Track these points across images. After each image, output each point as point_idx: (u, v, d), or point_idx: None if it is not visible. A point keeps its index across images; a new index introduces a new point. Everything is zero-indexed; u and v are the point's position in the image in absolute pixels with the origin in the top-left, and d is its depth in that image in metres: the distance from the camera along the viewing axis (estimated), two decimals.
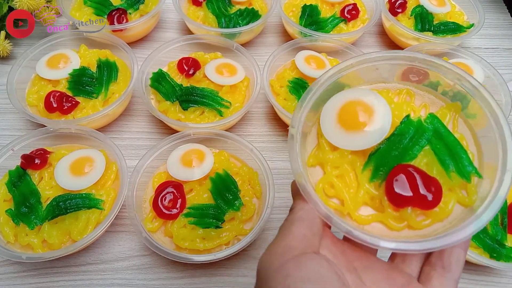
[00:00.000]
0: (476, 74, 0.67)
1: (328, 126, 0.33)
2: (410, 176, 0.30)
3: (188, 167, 0.55)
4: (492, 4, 0.90)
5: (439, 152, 0.32)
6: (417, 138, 0.33)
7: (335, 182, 0.33)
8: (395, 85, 0.37)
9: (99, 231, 0.50)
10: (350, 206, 0.32)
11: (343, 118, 0.33)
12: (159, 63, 0.69)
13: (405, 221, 0.31)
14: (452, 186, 0.32)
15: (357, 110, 0.33)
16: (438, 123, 0.33)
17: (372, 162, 0.32)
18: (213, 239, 0.51)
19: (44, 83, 0.65)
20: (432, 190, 0.30)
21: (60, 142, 0.60)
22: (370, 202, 0.32)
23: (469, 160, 0.32)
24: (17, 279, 0.52)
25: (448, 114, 0.35)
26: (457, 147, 0.32)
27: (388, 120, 0.33)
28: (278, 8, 0.77)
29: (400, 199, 0.30)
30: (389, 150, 0.32)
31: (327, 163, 0.33)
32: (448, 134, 0.33)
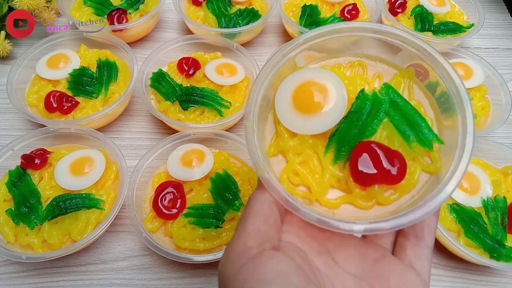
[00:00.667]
0: (476, 74, 0.67)
1: (284, 111, 0.32)
2: (373, 153, 0.29)
3: (188, 167, 0.55)
4: (492, 4, 0.90)
5: (398, 123, 0.32)
6: (374, 112, 0.32)
7: (299, 170, 0.32)
8: (347, 58, 0.36)
9: (99, 231, 0.50)
10: (317, 191, 0.31)
11: (297, 102, 0.32)
12: (159, 63, 0.69)
13: (374, 198, 0.31)
14: (415, 156, 0.31)
15: (311, 92, 0.32)
16: (393, 93, 0.33)
17: (333, 144, 0.32)
18: (213, 239, 0.51)
19: (44, 83, 0.65)
20: (396, 164, 0.29)
21: (60, 142, 0.60)
22: (336, 184, 0.32)
23: (428, 127, 0.31)
24: (17, 279, 0.52)
25: (402, 81, 0.34)
26: (415, 116, 0.32)
27: (343, 98, 0.32)
28: (278, 8, 0.77)
29: (365, 178, 0.29)
30: (348, 128, 0.32)
31: (288, 151, 0.32)
32: (405, 103, 0.32)
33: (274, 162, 0.33)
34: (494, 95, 0.67)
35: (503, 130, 0.69)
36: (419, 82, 0.34)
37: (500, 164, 0.60)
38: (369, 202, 0.31)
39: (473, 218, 0.53)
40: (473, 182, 0.55)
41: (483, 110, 0.66)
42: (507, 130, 0.70)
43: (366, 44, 0.35)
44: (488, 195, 0.54)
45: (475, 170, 0.57)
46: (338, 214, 0.31)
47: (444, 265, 0.55)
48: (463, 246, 0.50)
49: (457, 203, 0.54)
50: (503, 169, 0.59)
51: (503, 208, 0.54)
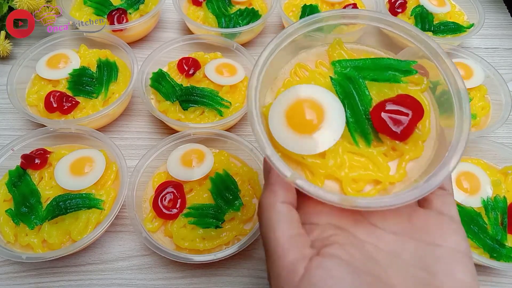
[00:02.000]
0: (476, 74, 0.67)
1: (279, 129, 0.31)
2: (389, 110, 0.31)
3: (188, 167, 0.55)
4: (492, 4, 0.90)
5: (376, 76, 0.34)
6: (356, 84, 0.33)
7: (355, 176, 0.31)
8: (315, 50, 0.38)
9: (99, 231, 0.50)
10: (384, 176, 0.31)
11: (294, 125, 0.31)
12: (159, 63, 0.69)
13: (419, 140, 0.32)
14: (406, 89, 0.33)
15: (304, 112, 0.31)
16: (346, 62, 0.35)
17: (355, 133, 0.32)
18: (213, 239, 0.51)
19: (44, 83, 0.65)
20: (408, 101, 0.31)
21: (60, 142, 0.60)
22: (388, 158, 0.32)
23: (395, 60, 0.34)
24: (17, 279, 0.52)
25: (340, 51, 0.36)
26: (379, 61, 0.34)
27: (335, 99, 0.32)
28: (278, 8, 0.77)
29: (403, 130, 0.31)
30: (353, 112, 0.32)
31: (334, 172, 0.31)
32: (362, 60, 0.35)
33: (328, 187, 0.32)
34: (494, 95, 0.67)
35: (503, 130, 0.69)
36: (350, 46, 0.37)
37: (500, 164, 0.60)
38: (418, 147, 0.32)
39: (473, 218, 0.53)
40: (473, 182, 0.55)
41: (483, 110, 0.66)
42: (507, 130, 0.70)
43: (367, 41, 0.38)
44: (488, 195, 0.54)
45: (475, 170, 0.57)
46: (412, 176, 0.32)
47: None
48: None
49: (457, 203, 0.54)
50: (503, 169, 0.59)
51: (503, 208, 0.54)
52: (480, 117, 0.65)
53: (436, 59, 0.33)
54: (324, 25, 0.36)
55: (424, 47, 0.34)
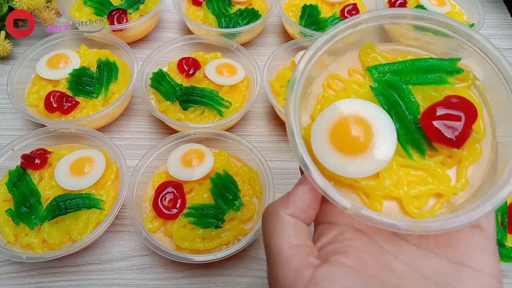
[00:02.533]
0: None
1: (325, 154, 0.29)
2: (440, 116, 0.28)
3: (188, 167, 0.55)
4: (492, 4, 0.90)
5: (420, 80, 0.30)
6: (400, 91, 0.30)
7: (416, 193, 0.29)
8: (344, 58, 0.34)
9: (99, 231, 0.50)
10: (447, 188, 0.29)
11: (341, 146, 0.28)
12: (159, 63, 0.69)
13: (475, 142, 0.30)
14: (453, 88, 0.30)
15: (351, 130, 0.28)
16: (383, 66, 0.32)
17: (407, 145, 0.29)
18: (213, 239, 0.51)
19: (44, 83, 0.65)
20: (458, 102, 0.29)
21: (60, 142, 0.60)
22: (445, 167, 0.30)
23: (437, 58, 0.31)
24: (17, 279, 0.52)
25: (374, 54, 0.33)
26: (420, 62, 0.31)
27: (382, 112, 0.29)
28: (278, 8, 0.77)
29: (458, 135, 0.28)
30: (402, 123, 0.29)
31: (391, 192, 0.29)
32: (401, 63, 0.31)
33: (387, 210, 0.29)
34: None
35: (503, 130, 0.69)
36: (384, 46, 0.34)
37: None
38: (476, 150, 0.30)
39: None
40: None
41: None
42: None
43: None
44: None
45: None
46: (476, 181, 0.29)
47: None
48: None
49: None
50: None
51: (503, 208, 0.54)
52: None
53: (485, 52, 0.31)
54: (360, 28, 0.33)
55: (468, 41, 0.31)
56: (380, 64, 0.32)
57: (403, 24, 0.34)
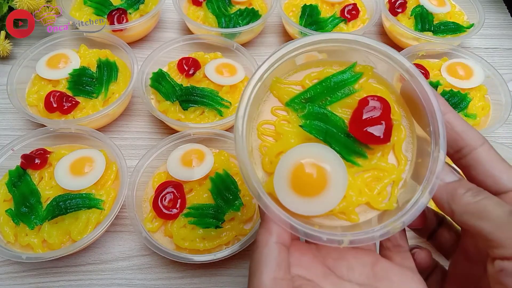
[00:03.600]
0: (476, 74, 0.67)
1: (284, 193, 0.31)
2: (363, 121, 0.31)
3: (188, 167, 0.55)
4: (492, 4, 0.90)
5: (333, 98, 0.34)
6: (323, 116, 0.33)
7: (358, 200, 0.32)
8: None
9: (99, 231, 0.50)
10: (376, 200, 0.32)
11: (299, 188, 0.31)
12: (159, 63, 0.69)
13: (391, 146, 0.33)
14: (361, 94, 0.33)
15: (309, 175, 0.31)
16: (297, 100, 0.34)
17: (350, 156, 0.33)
18: (213, 239, 0.51)
19: (44, 83, 0.65)
20: (374, 103, 0.32)
21: (60, 142, 0.60)
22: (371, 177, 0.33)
23: (339, 73, 0.34)
24: (17, 279, 0.52)
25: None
26: (327, 82, 0.34)
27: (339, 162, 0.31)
28: (278, 8, 0.77)
29: (380, 129, 0.31)
30: (338, 143, 0.33)
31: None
32: (312, 89, 0.34)
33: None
34: (494, 95, 0.67)
35: (503, 130, 0.69)
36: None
37: None
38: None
39: None
40: None
41: (483, 110, 0.66)
42: (507, 130, 0.70)
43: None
44: None
45: None
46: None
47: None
48: None
49: None
50: None
51: None
52: (480, 117, 0.65)
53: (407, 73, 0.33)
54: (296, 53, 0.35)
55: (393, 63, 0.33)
56: (295, 96, 0.34)
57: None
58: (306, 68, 0.36)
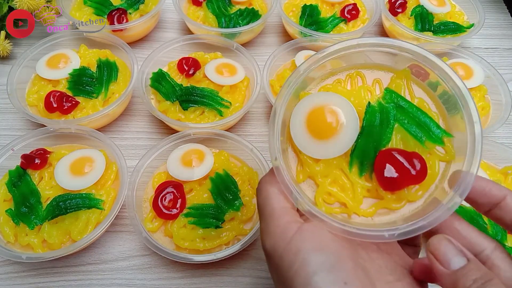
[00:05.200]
0: (476, 74, 0.67)
1: (302, 142, 0.34)
2: (394, 160, 0.32)
3: (188, 167, 0.55)
4: (492, 4, 0.90)
5: (408, 126, 0.34)
6: (385, 122, 0.34)
7: (331, 190, 0.34)
8: (344, 72, 0.37)
9: (99, 231, 0.50)
10: (353, 205, 0.33)
11: (312, 129, 0.33)
12: (159, 63, 0.69)
13: (404, 199, 0.33)
14: (431, 150, 0.33)
15: (324, 118, 0.33)
16: (396, 97, 0.34)
17: (355, 160, 0.34)
18: (213, 239, 0.51)
19: (44, 83, 0.65)
20: (417, 164, 0.32)
21: (60, 142, 0.60)
22: (368, 194, 0.34)
23: (436, 124, 0.33)
24: (17, 279, 0.52)
25: (401, 83, 0.35)
26: (422, 116, 0.34)
27: (355, 118, 0.33)
28: (278, 8, 0.77)
29: (393, 184, 0.32)
30: (366, 143, 0.34)
31: (316, 175, 0.34)
32: (409, 105, 0.34)
33: (304, 187, 0.35)
34: (494, 95, 0.67)
35: (503, 130, 0.69)
36: (417, 80, 0.35)
37: (500, 164, 0.60)
38: (401, 203, 0.33)
39: (473, 218, 0.53)
40: None
41: (483, 110, 0.66)
42: (507, 130, 0.70)
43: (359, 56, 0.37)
44: None
45: None
46: (377, 220, 0.33)
47: None
48: None
49: None
50: (503, 169, 0.58)
51: None
52: (480, 117, 0.65)
53: (432, 66, 0.34)
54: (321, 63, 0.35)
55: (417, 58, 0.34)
56: (396, 93, 0.35)
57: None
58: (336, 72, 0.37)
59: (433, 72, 0.34)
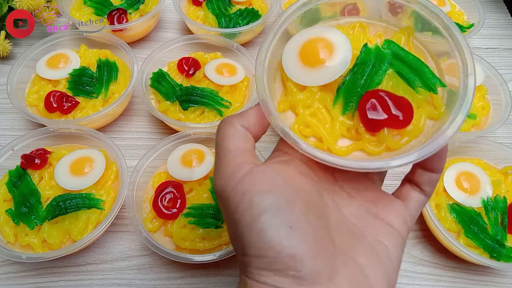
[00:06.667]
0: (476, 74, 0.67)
1: (291, 67, 0.33)
2: (381, 100, 0.31)
3: (188, 167, 0.55)
4: (492, 4, 0.90)
5: (403, 71, 0.33)
6: (379, 63, 0.33)
7: (310, 121, 0.33)
8: (347, 20, 0.38)
9: (99, 231, 0.50)
10: (329, 140, 0.32)
11: (304, 56, 0.33)
12: (159, 63, 0.69)
13: (383, 143, 0.32)
14: (420, 103, 0.32)
15: (317, 47, 0.33)
16: (395, 46, 0.34)
17: (341, 95, 0.33)
18: (213, 239, 0.51)
19: (44, 83, 0.65)
20: (403, 109, 0.31)
21: (60, 142, 0.60)
22: (346, 133, 0.33)
23: (431, 73, 0.32)
24: (17, 279, 0.52)
25: (403, 37, 0.35)
26: (418, 63, 0.33)
27: (348, 52, 0.33)
28: (278, 8, 0.77)
29: (375, 123, 0.31)
30: (355, 80, 0.33)
31: (298, 105, 0.34)
32: (407, 53, 0.33)
33: (284, 117, 0.34)
34: (494, 95, 0.67)
35: (503, 130, 0.69)
36: (418, 37, 0.35)
37: (500, 164, 0.60)
38: (379, 147, 0.32)
39: (473, 218, 0.53)
40: (473, 182, 0.55)
41: (483, 110, 0.66)
42: (507, 130, 0.70)
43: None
44: (488, 195, 0.54)
45: (475, 170, 0.57)
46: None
47: (444, 265, 0.55)
48: (463, 246, 0.50)
49: (457, 203, 0.54)
50: (503, 169, 0.59)
51: (503, 208, 0.54)
52: (480, 117, 0.65)
53: (448, 31, 0.34)
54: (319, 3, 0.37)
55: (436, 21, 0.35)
56: (395, 44, 0.34)
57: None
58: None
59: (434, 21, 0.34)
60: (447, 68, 0.33)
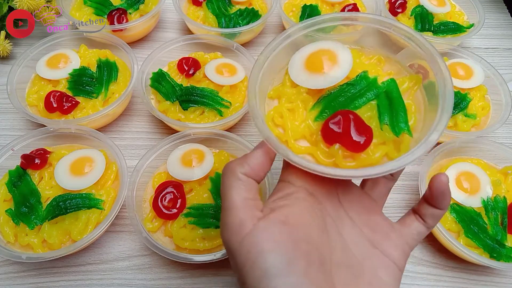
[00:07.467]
0: (476, 74, 0.67)
1: (295, 67, 0.37)
2: (346, 118, 0.32)
3: (188, 167, 0.55)
4: (492, 4, 0.90)
5: (381, 107, 0.34)
6: (366, 91, 0.34)
7: (284, 113, 0.35)
8: (372, 51, 0.40)
9: (99, 231, 0.50)
10: (290, 135, 0.34)
11: (309, 62, 0.36)
12: (159, 63, 0.69)
13: (332, 158, 0.33)
14: (386, 140, 0.33)
15: (322, 57, 0.36)
16: (393, 86, 0.35)
17: (321, 104, 0.35)
18: (213, 239, 0.51)
19: (44, 83, 0.65)
20: (362, 136, 0.32)
21: (60, 142, 0.60)
22: (308, 137, 0.35)
23: (405, 118, 0.33)
24: (17, 279, 0.52)
25: (407, 82, 0.36)
26: (399, 106, 0.34)
27: (346, 70, 0.35)
28: (278, 8, 0.77)
29: (330, 134, 0.32)
30: (338, 96, 0.34)
31: (283, 96, 0.36)
32: (398, 96, 0.34)
33: (269, 103, 0.37)
34: (494, 95, 0.67)
35: (503, 130, 0.69)
36: (423, 90, 0.36)
37: (500, 164, 0.60)
38: (328, 159, 0.33)
39: (473, 218, 0.53)
40: (473, 182, 0.55)
41: (483, 110, 0.66)
42: (507, 130, 0.70)
43: (367, 41, 0.39)
44: (488, 195, 0.54)
45: (475, 170, 0.57)
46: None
47: (444, 265, 0.55)
48: (463, 246, 0.50)
49: (457, 203, 0.54)
50: (503, 169, 0.59)
51: (503, 208, 0.54)
52: (480, 117, 0.65)
53: (431, 60, 0.34)
54: (325, 26, 0.39)
55: (420, 48, 0.35)
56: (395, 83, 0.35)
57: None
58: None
59: (432, 71, 0.34)
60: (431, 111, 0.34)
